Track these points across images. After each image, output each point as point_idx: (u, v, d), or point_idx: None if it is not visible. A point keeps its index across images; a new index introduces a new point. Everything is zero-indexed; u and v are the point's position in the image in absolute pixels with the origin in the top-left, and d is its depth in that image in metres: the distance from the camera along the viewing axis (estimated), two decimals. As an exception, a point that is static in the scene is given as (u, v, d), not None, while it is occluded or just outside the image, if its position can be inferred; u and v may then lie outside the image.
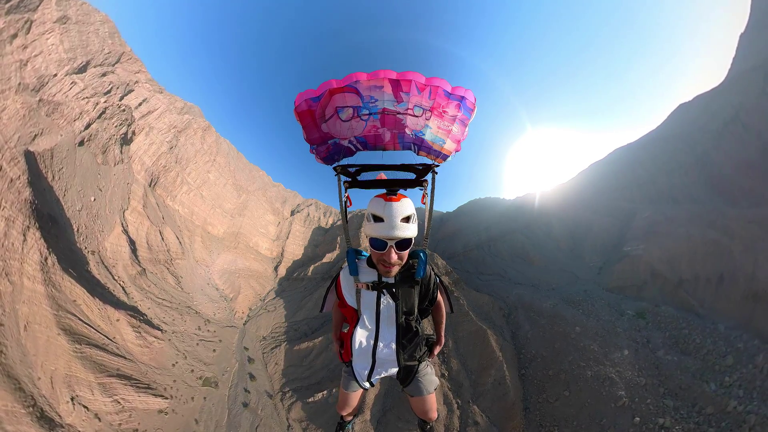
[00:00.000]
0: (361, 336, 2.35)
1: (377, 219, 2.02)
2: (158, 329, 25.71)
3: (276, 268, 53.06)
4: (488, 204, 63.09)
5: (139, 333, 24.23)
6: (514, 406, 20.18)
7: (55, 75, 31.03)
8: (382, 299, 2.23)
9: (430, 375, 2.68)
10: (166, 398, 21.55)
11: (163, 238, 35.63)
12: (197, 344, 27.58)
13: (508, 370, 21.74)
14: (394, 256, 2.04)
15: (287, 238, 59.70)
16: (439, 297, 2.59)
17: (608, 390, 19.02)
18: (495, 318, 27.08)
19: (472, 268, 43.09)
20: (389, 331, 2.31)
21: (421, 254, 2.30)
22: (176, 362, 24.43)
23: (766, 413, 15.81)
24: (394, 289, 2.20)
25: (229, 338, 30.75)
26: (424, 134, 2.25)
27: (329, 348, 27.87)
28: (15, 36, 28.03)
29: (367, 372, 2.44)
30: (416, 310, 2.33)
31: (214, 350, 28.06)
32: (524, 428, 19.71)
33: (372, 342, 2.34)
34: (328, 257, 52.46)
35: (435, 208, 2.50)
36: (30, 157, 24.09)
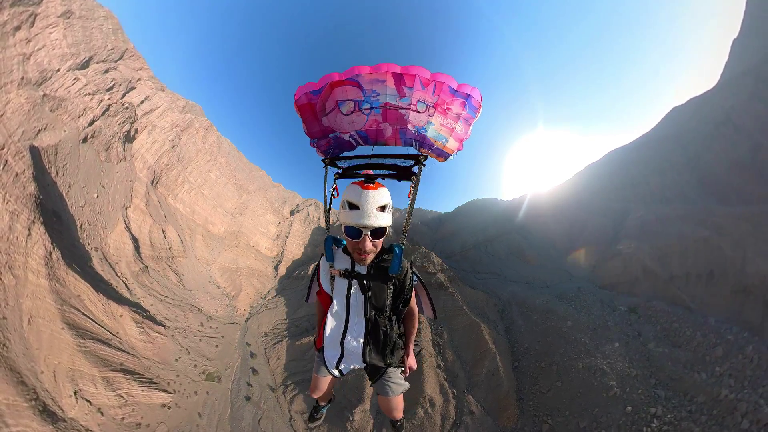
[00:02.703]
0: (331, 323, 2.35)
1: (353, 206, 2.01)
2: (161, 325, 25.94)
3: (276, 267, 53.33)
4: (486, 205, 63.81)
5: (143, 329, 24.43)
6: (508, 396, 20.75)
7: (58, 70, 31.16)
8: (352, 288, 2.23)
9: (398, 378, 2.61)
10: (170, 393, 21.75)
11: (165, 236, 35.85)
12: (200, 340, 27.85)
13: (501, 362, 22.37)
14: (369, 244, 2.04)
15: (287, 237, 59.99)
16: (413, 303, 2.49)
17: (599, 381, 19.61)
18: (489, 313, 27.74)
19: (469, 267, 43.69)
20: (358, 324, 2.28)
21: (396, 249, 2.23)
22: (179, 357, 24.68)
23: (756, 400, 16.31)
24: (364, 281, 2.19)
25: (231, 334, 31.05)
26: (426, 131, 2.19)
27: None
28: (18, 29, 28.04)
29: (335, 360, 2.43)
30: (388, 309, 2.27)
31: (217, 346, 28.34)
32: (518, 418, 20.24)
33: (341, 332, 2.32)
34: (328, 256, 52.75)
35: (433, 208, 2.49)
36: (34, 152, 24.30)
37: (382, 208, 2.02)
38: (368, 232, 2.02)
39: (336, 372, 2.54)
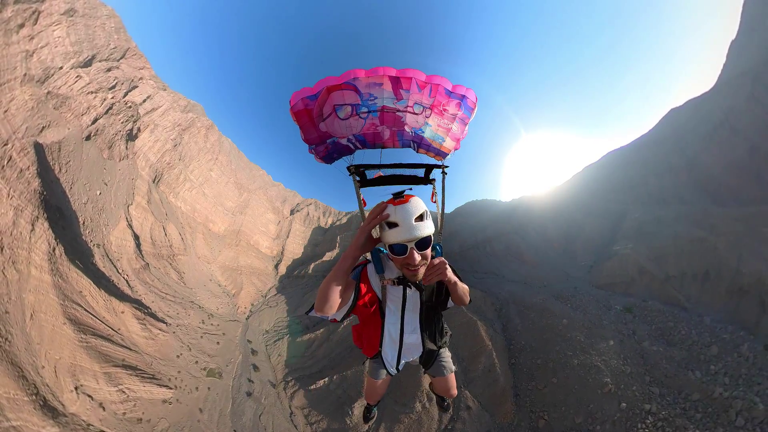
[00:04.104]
0: (390, 327, 2.46)
1: (392, 225, 1.97)
2: (162, 322, 26.16)
3: (276, 266, 53.61)
4: (485, 205, 63.92)
5: (144, 325, 24.63)
6: (504, 392, 21.08)
7: (61, 68, 31.37)
8: (408, 292, 2.32)
9: (448, 358, 2.99)
10: (171, 388, 21.91)
11: (166, 234, 36.08)
12: (201, 337, 28.08)
13: (497, 358, 22.71)
14: (418, 257, 2.01)
15: (287, 237, 60.27)
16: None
17: (594, 377, 19.86)
18: (486, 311, 28.06)
19: (467, 267, 43.93)
20: (413, 318, 2.44)
21: (437, 246, 2.35)
22: (181, 354, 24.89)
23: (751, 398, 16.50)
24: (417, 281, 2.25)
25: (232, 332, 31.30)
26: (423, 132, 2.23)
27: (330, 338, 28.56)
28: (22, 26, 28.19)
29: (395, 359, 2.57)
30: (435, 299, 2.44)
31: (218, 343, 28.58)
32: (515, 413, 20.52)
33: (398, 330, 2.46)
34: (329, 256, 53.23)
35: (432, 209, 2.46)
36: (38, 149, 24.53)
37: (420, 217, 1.97)
38: (413, 245, 1.97)
39: (394, 370, 2.70)
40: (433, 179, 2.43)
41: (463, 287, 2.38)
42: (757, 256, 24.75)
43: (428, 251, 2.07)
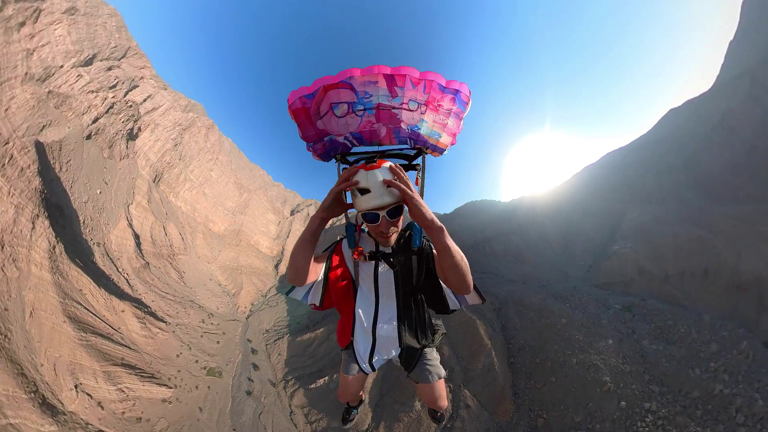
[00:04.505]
0: (361, 311, 2.26)
1: (363, 191, 1.94)
2: (162, 321, 26.19)
3: (277, 266, 53.64)
4: (484, 206, 64.08)
5: (144, 324, 24.65)
6: (503, 390, 21.12)
7: (62, 67, 31.44)
8: (379, 268, 2.19)
9: (435, 361, 2.58)
10: (171, 387, 21.93)
11: (166, 233, 36.13)
12: (201, 336, 28.10)
13: (497, 357, 22.75)
14: (390, 224, 2.01)
15: (287, 237, 60.35)
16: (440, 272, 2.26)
17: (593, 376, 19.88)
18: (485, 311, 28.08)
19: (468, 266, 43.91)
20: (389, 306, 2.23)
21: (416, 225, 2.18)
22: (180, 353, 24.90)
23: (752, 395, 16.58)
24: (391, 258, 2.15)
25: (232, 331, 31.33)
26: (419, 128, 2.24)
27: (330, 338, 28.59)
28: (23, 24, 28.26)
29: (368, 353, 2.32)
30: (414, 282, 2.20)
31: (218, 342, 28.60)
32: (514, 412, 20.56)
33: (372, 318, 2.24)
34: (328, 255, 53.18)
35: (433, 209, 2.49)
36: (39, 148, 24.60)
37: None
38: (385, 214, 1.95)
39: (367, 366, 2.39)
40: (418, 164, 2.39)
41: (455, 248, 1.86)
42: (756, 254, 24.85)
43: (400, 219, 2.07)
